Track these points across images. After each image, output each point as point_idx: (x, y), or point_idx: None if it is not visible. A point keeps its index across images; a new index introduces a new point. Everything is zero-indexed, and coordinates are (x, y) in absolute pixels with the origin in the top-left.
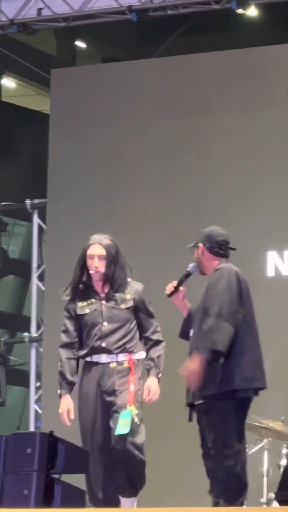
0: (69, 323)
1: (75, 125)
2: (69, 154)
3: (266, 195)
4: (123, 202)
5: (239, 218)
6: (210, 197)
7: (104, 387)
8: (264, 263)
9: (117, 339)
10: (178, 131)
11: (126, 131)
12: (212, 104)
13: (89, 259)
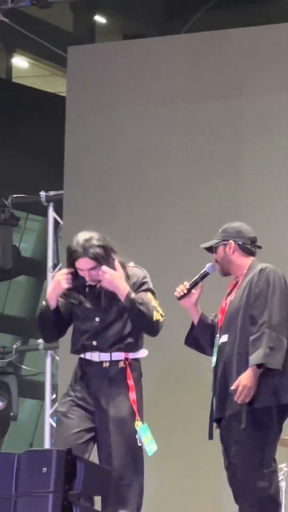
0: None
1: (94, 109)
2: (88, 141)
3: None
4: (146, 193)
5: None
6: (244, 187)
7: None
8: None
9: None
10: (209, 115)
11: (151, 115)
12: (246, 84)
13: (80, 271)
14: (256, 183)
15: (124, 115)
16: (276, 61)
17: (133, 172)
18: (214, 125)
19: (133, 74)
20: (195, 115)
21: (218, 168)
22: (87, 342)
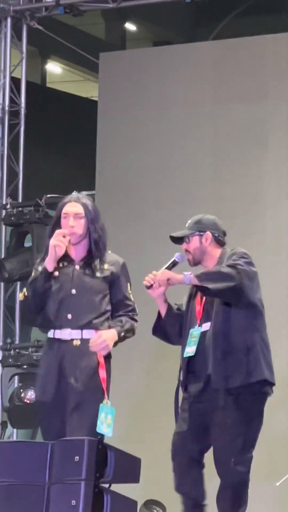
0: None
1: (124, 113)
2: (119, 143)
3: None
4: (175, 193)
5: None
6: (267, 188)
7: (65, 368)
8: None
9: (85, 312)
10: (235, 119)
11: (179, 119)
12: (271, 90)
13: (63, 219)
14: (279, 185)
15: (153, 118)
16: None
17: (160, 173)
18: (239, 129)
19: (162, 79)
20: (221, 119)
21: (243, 170)
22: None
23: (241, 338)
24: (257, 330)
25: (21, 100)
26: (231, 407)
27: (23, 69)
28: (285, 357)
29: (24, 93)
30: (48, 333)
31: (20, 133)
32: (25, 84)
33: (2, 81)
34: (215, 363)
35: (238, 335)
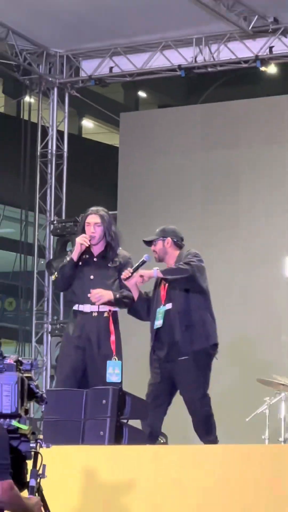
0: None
1: (138, 155)
2: (134, 177)
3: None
4: (175, 213)
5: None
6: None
7: (88, 332)
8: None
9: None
10: (217, 161)
11: (178, 160)
12: (243, 141)
13: (87, 226)
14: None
15: (158, 159)
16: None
17: (165, 199)
18: (220, 167)
19: (164, 132)
20: (208, 161)
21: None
22: (83, 294)
23: (197, 315)
24: (207, 309)
25: (64, 146)
26: (192, 364)
27: (66, 124)
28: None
29: (66, 141)
30: (73, 307)
31: (63, 170)
32: (67, 135)
33: (51, 133)
34: (181, 333)
35: (195, 312)
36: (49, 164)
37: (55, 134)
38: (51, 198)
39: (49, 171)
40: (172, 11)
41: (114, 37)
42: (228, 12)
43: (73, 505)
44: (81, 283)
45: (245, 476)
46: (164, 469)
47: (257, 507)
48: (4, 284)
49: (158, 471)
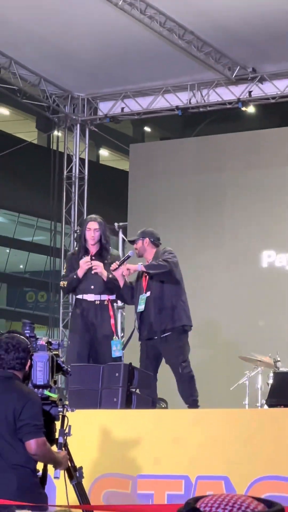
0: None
1: (144, 178)
2: (141, 195)
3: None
4: (174, 223)
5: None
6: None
7: (90, 316)
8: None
9: (100, 284)
10: (206, 182)
11: (175, 182)
12: (228, 166)
13: (88, 231)
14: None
15: (160, 182)
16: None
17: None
18: (209, 187)
19: (165, 159)
20: (200, 182)
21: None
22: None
23: (169, 301)
24: (180, 296)
25: (85, 171)
26: (165, 340)
27: (86, 153)
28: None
29: (86, 167)
30: (77, 296)
31: (84, 190)
32: (87, 162)
33: (74, 160)
34: (155, 316)
35: (168, 299)
36: (73, 185)
37: (77, 161)
38: (74, 212)
39: (73, 191)
40: (171, 63)
41: (125, 84)
42: (215, 63)
43: (92, 457)
44: (84, 277)
45: (230, 434)
46: (164, 429)
47: (239, 458)
48: (38, 280)
49: (159, 430)
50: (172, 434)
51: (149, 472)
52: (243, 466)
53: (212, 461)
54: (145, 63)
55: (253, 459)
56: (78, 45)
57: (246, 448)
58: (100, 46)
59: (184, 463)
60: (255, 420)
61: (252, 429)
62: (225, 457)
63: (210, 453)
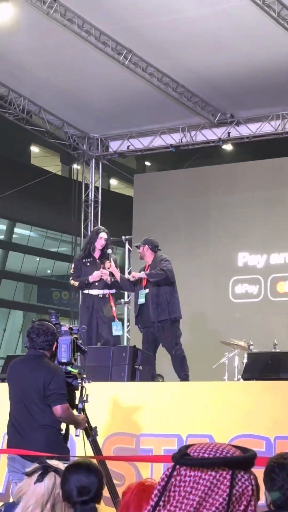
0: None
1: (146, 202)
2: (143, 215)
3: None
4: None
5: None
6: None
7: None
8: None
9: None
10: (195, 205)
11: (170, 204)
12: (211, 192)
13: (99, 239)
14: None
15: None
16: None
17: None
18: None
19: (162, 186)
20: (190, 204)
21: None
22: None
23: (163, 297)
24: (172, 294)
25: (98, 196)
26: (161, 328)
27: (100, 182)
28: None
29: (100, 193)
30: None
31: (98, 211)
32: (101, 189)
33: (90, 187)
34: (152, 309)
35: (163, 296)
36: (89, 207)
37: (93, 188)
38: (90, 228)
39: (89, 211)
40: (167, 110)
41: (130, 127)
42: (201, 110)
43: (104, 419)
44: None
45: (213, 401)
46: (161, 398)
47: (221, 420)
48: (62, 282)
49: (157, 398)
50: (167, 402)
51: (149, 431)
52: (224, 426)
53: (199, 423)
54: (146, 110)
55: (231, 421)
56: (93, 96)
57: (226, 413)
58: (110, 97)
59: (177, 425)
60: (233, 391)
61: (231, 397)
62: (209, 420)
63: (198, 417)
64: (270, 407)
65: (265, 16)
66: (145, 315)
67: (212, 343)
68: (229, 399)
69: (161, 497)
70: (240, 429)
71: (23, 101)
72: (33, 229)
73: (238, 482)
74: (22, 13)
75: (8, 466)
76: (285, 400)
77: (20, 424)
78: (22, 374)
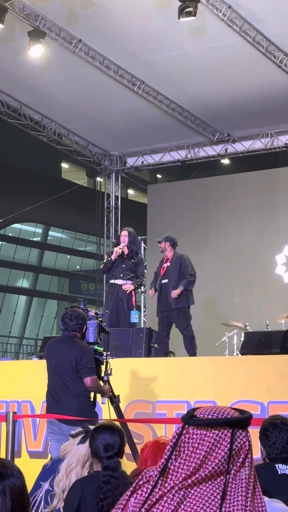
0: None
1: (158, 208)
2: (155, 219)
3: (236, 230)
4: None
5: (223, 240)
6: (211, 233)
7: (119, 295)
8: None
9: (127, 274)
10: (198, 209)
11: (178, 210)
12: (211, 198)
13: (122, 236)
14: (216, 233)
15: (168, 210)
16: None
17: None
18: (200, 213)
19: (172, 195)
20: (195, 211)
21: (200, 227)
22: (117, 274)
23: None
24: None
25: (118, 203)
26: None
27: (119, 192)
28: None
29: (120, 201)
30: (110, 281)
31: (118, 216)
32: (120, 198)
33: (111, 197)
34: (171, 298)
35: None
36: (111, 213)
37: (113, 197)
38: (112, 230)
39: (111, 216)
40: (174, 131)
41: (144, 145)
42: (203, 131)
43: (125, 389)
44: (116, 268)
45: (216, 372)
46: (174, 370)
47: (223, 388)
48: (88, 276)
49: (170, 371)
50: (178, 374)
51: (163, 398)
52: (225, 393)
53: (204, 391)
54: (156, 131)
55: (231, 389)
56: (112, 120)
57: (227, 382)
58: (127, 121)
59: (186, 392)
60: (233, 364)
61: (231, 369)
62: (213, 388)
63: (203, 386)
64: (264, 377)
65: (255, 51)
66: (164, 301)
67: (215, 325)
68: (229, 370)
69: (173, 451)
70: (239, 396)
71: (54, 125)
72: (64, 232)
73: (237, 438)
74: (52, 52)
75: (47, 428)
76: (276, 371)
77: (56, 393)
78: (58, 352)
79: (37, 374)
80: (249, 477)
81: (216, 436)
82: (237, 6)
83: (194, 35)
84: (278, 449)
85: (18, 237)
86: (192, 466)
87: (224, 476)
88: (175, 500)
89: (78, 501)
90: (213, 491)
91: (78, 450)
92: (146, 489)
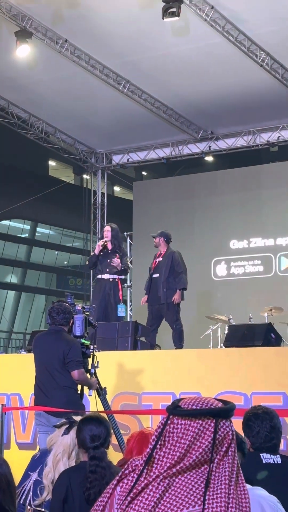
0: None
1: (143, 204)
2: (141, 215)
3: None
4: None
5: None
6: (195, 227)
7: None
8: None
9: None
10: (183, 205)
11: (162, 205)
12: (195, 195)
13: (105, 232)
14: (200, 227)
15: (153, 206)
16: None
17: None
18: (184, 209)
19: (156, 191)
20: (179, 207)
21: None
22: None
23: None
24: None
25: (105, 200)
26: (167, 307)
27: (105, 189)
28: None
29: (106, 198)
30: (97, 276)
31: (104, 213)
32: (106, 195)
33: (98, 193)
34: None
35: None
36: (97, 209)
37: (100, 194)
38: (98, 227)
39: (97, 213)
40: (159, 129)
41: (129, 143)
42: (187, 128)
43: (112, 381)
44: (102, 264)
45: (201, 364)
46: (159, 363)
47: (207, 380)
48: (76, 271)
49: (155, 363)
50: (164, 366)
51: (149, 390)
52: (209, 384)
53: (190, 382)
54: (142, 129)
55: (216, 380)
56: (98, 118)
57: (211, 373)
58: (112, 119)
59: (172, 384)
60: (217, 356)
61: (215, 361)
62: (198, 379)
63: (188, 377)
64: (247, 369)
65: (237, 51)
66: (155, 295)
67: (200, 318)
68: (214, 363)
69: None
70: (223, 387)
71: (41, 124)
72: (52, 228)
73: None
74: (39, 52)
75: (35, 420)
76: (259, 363)
77: (44, 385)
78: (46, 345)
79: (26, 367)
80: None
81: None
82: (219, 7)
83: (178, 35)
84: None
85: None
86: (176, 455)
87: (207, 465)
88: (160, 488)
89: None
90: (197, 479)
91: (63, 441)
92: (132, 478)
